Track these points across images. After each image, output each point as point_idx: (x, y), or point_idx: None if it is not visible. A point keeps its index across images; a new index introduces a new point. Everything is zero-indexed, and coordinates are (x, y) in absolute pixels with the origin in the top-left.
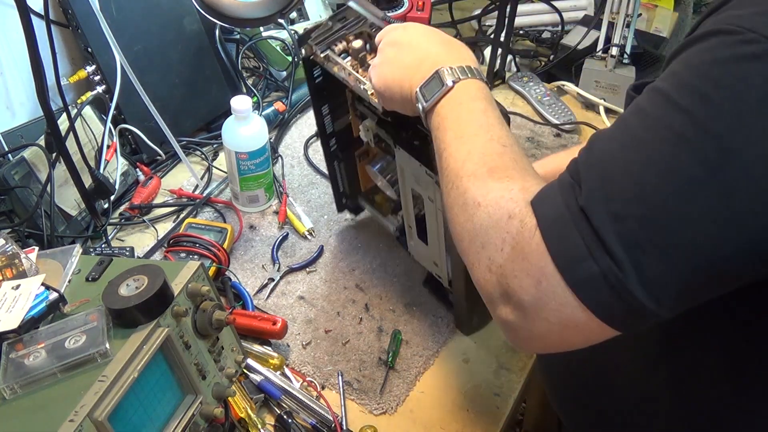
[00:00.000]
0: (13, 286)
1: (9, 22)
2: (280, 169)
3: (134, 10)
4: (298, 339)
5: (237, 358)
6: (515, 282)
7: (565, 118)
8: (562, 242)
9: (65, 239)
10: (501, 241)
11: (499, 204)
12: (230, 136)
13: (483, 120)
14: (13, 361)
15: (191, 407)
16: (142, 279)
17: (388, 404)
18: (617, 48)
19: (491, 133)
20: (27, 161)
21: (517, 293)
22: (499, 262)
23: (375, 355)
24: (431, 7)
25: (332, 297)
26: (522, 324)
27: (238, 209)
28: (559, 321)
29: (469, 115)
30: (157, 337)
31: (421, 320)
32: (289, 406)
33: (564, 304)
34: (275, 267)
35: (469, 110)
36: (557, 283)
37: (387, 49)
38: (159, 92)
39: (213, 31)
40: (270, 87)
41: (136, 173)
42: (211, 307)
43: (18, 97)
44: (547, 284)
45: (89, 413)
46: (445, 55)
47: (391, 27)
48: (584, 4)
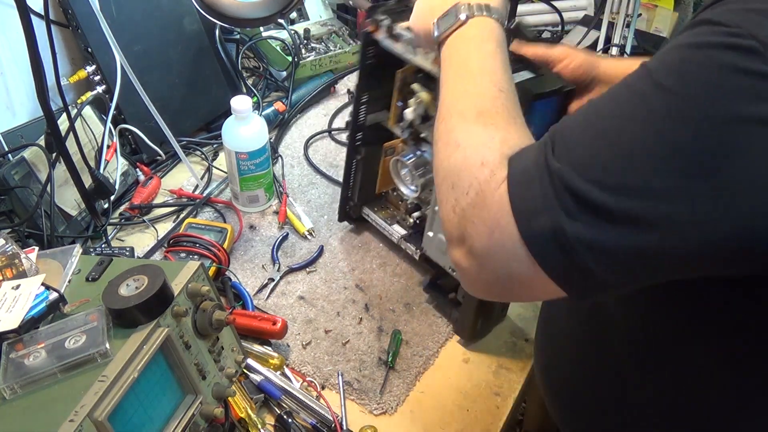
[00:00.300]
0: (13, 286)
1: (9, 22)
2: (280, 169)
3: (134, 10)
4: (298, 339)
5: (237, 358)
6: (472, 228)
7: None
8: (523, 195)
9: (65, 239)
10: (468, 185)
11: (476, 149)
12: (230, 136)
13: (487, 62)
14: (13, 361)
15: (191, 407)
16: (142, 279)
17: (388, 404)
18: (617, 48)
19: (491, 77)
20: (27, 161)
21: (472, 239)
22: (462, 205)
23: (375, 355)
24: None
25: (332, 297)
26: (472, 269)
27: (238, 209)
28: (507, 273)
29: (476, 54)
30: (157, 337)
31: (421, 320)
32: (289, 406)
33: (512, 258)
34: (275, 267)
35: (477, 49)
36: (509, 237)
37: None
38: (159, 92)
39: (213, 31)
40: (270, 87)
41: (136, 173)
42: (211, 307)
43: (18, 97)
44: (500, 236)
45: (89, 413)
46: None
47: None
48: (584, 4)
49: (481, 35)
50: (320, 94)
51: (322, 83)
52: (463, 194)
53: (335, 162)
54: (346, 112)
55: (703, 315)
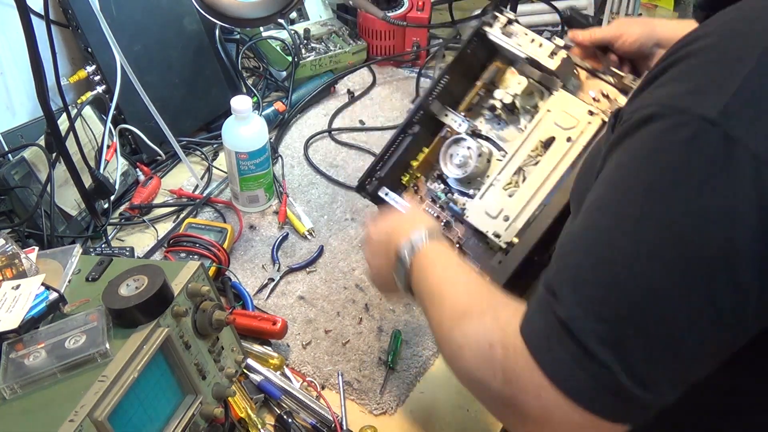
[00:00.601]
0: (13, 286)
1: (9, 22)
2: (280, 169)
3: (134, 10)
4: (298, 339)
5: (237, 358)
6: (518, 401)
7: None
8: (549, 357)
9: (65, 239)
10: (492, 371)
11: (477, 340)
12: (230, 136)
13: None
14: (13, 361)
15: (191, 407)
16: (142, 279)
17: (388, 404)
18: None
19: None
20: (27, 161)
21: (524, 410)
22: (499, 389)
23: (375, 355)
24: (431, 7)
25: (332, 297)
26: None
27: (238, 209)
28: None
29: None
30: (157, 337)
31: (421, 320)
32: (289, 406)
33: (569, 412)
34: (275, 267)
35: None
36: (556, 394)
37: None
38: (159, 92)
39: (213, 31)
40: (270, 87)
41: (136, 173)
42: (211, 307)
43: (18, 97)
44: (547, 396)
45: (89, 413)
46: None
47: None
48: (584, 4)
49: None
50: (320, 94)
51: (322, 83)
52: (494, 380)
53: (335, 162)
54: (346, 112)
55: None
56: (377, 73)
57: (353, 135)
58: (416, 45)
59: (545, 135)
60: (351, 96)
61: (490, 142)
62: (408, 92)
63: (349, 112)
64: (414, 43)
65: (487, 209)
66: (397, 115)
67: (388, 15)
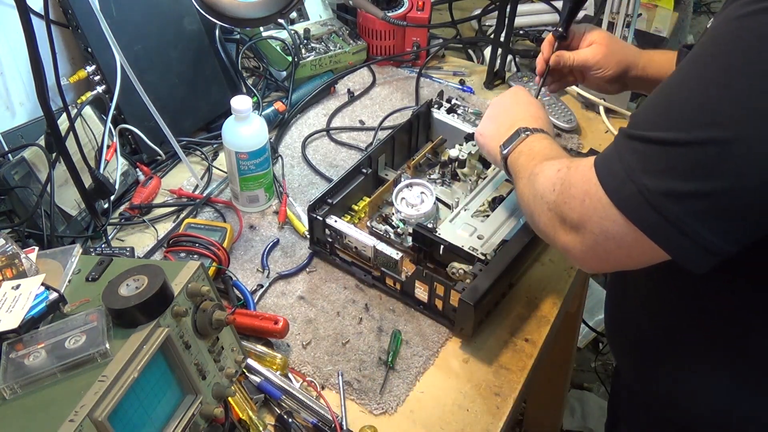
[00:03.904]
0: (13, 286)
1: (9, 22)
2: (280, 169)
3: (134, 10)
4: (298, 339)
5: (237, 358)
6: (565, 207)
7: (565, 118)
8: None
9: (65, 239)
10: (552, 185)
11: (551, 167)
12: (230, 136)
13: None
14: (13, 361)
15: (191, 407)
16: (142, 279)
17: (388, 404)
18: None
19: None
20: (27, 161)
21: (567, 215)
22: (552, 199)
23: (375, 355)
24: (431, 7)
25: (332, 297)
26: (576, 242)
27: (238, 209)
28: (604, 234)
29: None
30: (157, 337)
31: (421, 320)
32: (289, 406)
33: (605, 218)
34: (264, 273)
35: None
36: (599, 200)
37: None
38: (159, 92)
39: (213, 31)
40: (270, 87)
41: (136, 173)
42: (211, 307)
43: (18, 97)
44: (590, 201)
45: (89, 413)
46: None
47: None
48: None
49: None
50: (320, 94)
51: (322, 83)
52: (551, 192)
53: (335, 162)
54: (345, 112)
55: None
56: (377, 73)
57: (353, 135)
58: (416, 45)
59: (497, 192)
60: (351, 96)
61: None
62: (408, 92)
63: (349, 112)
64: (414, 43)
65: (458, 230)
66: (397, 116)
67: (388, 15)
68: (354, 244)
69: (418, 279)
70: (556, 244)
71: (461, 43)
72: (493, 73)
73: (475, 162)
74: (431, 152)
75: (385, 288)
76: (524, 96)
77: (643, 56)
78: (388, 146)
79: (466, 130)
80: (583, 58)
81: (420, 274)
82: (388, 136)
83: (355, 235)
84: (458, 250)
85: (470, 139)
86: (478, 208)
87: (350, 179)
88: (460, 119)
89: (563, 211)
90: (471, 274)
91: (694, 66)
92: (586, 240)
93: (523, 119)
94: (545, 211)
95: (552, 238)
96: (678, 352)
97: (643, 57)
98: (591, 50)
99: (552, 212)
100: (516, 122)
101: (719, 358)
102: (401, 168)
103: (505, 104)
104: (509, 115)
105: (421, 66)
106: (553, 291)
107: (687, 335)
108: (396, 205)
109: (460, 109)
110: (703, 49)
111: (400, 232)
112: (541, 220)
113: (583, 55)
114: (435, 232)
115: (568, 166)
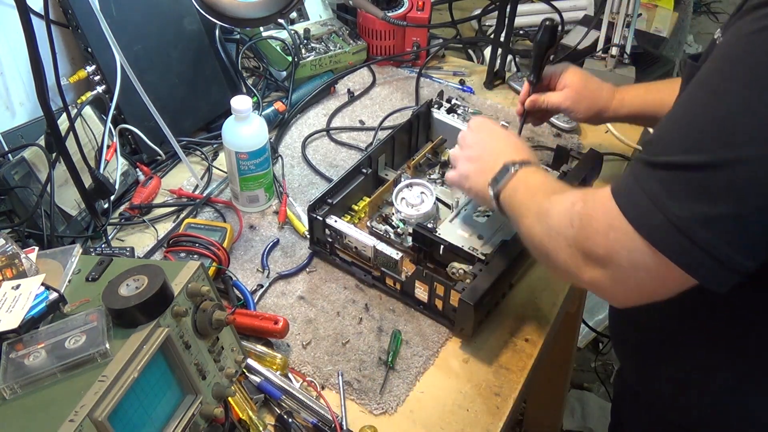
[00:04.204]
0: (13, 286)
1: (9, 22)
2: (280, 169)
3: (134, 10)
4: (298, 339)
5: (237, 358)
6: (589, 242)
7: (565, 118)
8: (629, 197)
9: (65, 239)
10: (569, 220)
11: (562, 202)
12: (230, 136)
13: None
14: (13, 361)
15: (191, 407)
16: (142, 279)
17: (388, 404)
18: (617, 48)
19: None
20: (27, 161)
21: (592, 249)
22: (572, 234)
23: (375, 355)
24: (431, 7)
25: (332, 297)
26: (605, 278)
27: (238, 209)
28: (631, 264)
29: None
30: (157, 337)
31: (421, 320)
32: (289, 406)
33: (632, 249)
34: (264, 273)
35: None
36: (624, 232)
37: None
38: (159, 92)
39: (213, 31)
40: (270, 87)
41: (136, 173)
42: (211, 307)
43: (18, 97)
44: (615, 234)
45: (89, 413)
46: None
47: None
48: (584, 4)
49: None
50: (320, 94)
51: (322, 83)
52: (569, 228)
53: (335, 162)
54: (345, 111)
55: None
56: (377, 73)
57: (353, 135)
58: (416, 45)
59: None
60: (351, 96)
61: None
62: (408, 92)
63: (349, 112)
64: (414, 43)
65: (458, 230)
66: (397, 116)
67: (388, 15)
68: (354, 244)
69: (418, 279)
70: (581, 281)
71: (461, 43)
72: (493, 73)
73: None
74: (431, 152)
75: (385, 288)
76: (497, 128)
77: (614, 100)
78: (388, 146)
79: None
80: (555, 103)
81: (420, 274)
82: (388, 136)
83: (355, 235)
84: (458, 250)
85: None
86: (478, 208)
87: (350, 179)
88: (460, 119)
89: (587, 246)
90: (471, 274)
91: (709, 85)
92: (615, 274)
93: (506, 153)
94: (564, 248)
95: (575, 275)
96: (680, 353)
97: (614, 100)
98: (563, 94)
99: (573, 248)
100: (499, 157)
101: (721, 359)
102: (401, 168)
103: (481, 141)
104: (490, 150)
105: (421, 66)
106: (553, 291)
107: (688, 337)
108: (396, 205)
109: (460, 109)
110: (715, 66)
111: (400, 232)
112: (560, 257)
113: (555, 99)
114: (435, 232)
115: (583, 199)
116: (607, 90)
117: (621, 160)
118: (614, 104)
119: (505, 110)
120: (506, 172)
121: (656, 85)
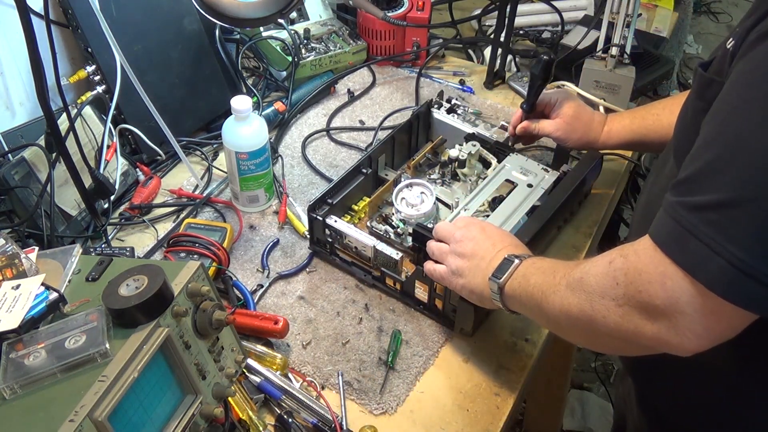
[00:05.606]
0: (13, 286)
1: (9, 22)
2: (280, 169)
3: (134, 10)
4: (298, 339)
5: (237, 358)
6: (643, 296)
7: None
8: (678, 244)
9: (65, 239)
10: (612, 279)
11: (596, 265)
12: (230, 136)
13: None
14: (13, 361)
15: (191, 407)
16: (142, 279)
17: (388, 404)
18: (617, 48)
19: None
20: (27, 161)
21: (649, 302)
22: (621, 293)
23: (375, 355)
24: (431, 7)
25: (332, 297)
26: (668, 329)
27: (238, 209)
28: (695, 310)
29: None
30: (157, 337)
31: (421, 320)
32: (289, 406)
33: (695, 295)
34: (264, 273)
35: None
36: (681, 278)
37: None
38: (159, 92)
39: (213, 31)
40: (270, 87)
41: (136, 173)
42: (211, 307)
43: (18, 97)
44: (671, 282)
45: (89, 413)
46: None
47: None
48: (584, 4)
49: (537, 260)
50: (320, 94)
51: (322, 83)
52: (615, 288)
53: (335, 162)
54: (345, 111)
55: None
56: (377, 73)
57: (353, 135)
58: (416, 45)
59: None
60: (351, 96)
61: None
62: (408, 92)
63: (349, 112)
64: (414, 43)
65: None
66: (397, 116)
67: (388, 15)
68: (354, 244)
69: (418, 279)
70: (642, 338)
71: (461, 43)
72: (493, 73)
73: (475, 162)
74: (431, 152)
75: (385, 288)
76: (488, 225)
77: (603, 133)
78: (388, 146)
79: (466, 130)
80: (546, 132)
81: (420, 274)
82: (388, 136)
83: (355, 235)
84: None
85: (470, 139)
86: (478, 208)
87: (350, 179)
88: (460, 119)
89: (642, 299)
90: None
91: (745, 112)
92: (681, 322)
93: (503, 248)
94: (614, 310)
95: (634, 335)
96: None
97: (603, 134)
98: (555, 124)
99: (626, 307)
100: (497, 252)
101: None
102: (401, 168)
103: (473, 237)
104: (485, 248)
105: (421, 66)
106: None
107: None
108: (396, 205)
109: (460, 109)
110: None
111: (400, 232)
112: (612, 320)
113: (547, 128)
114: None
115: (621, 255)
116: (597, 121)
117: (621, 160)
118: (602, 139)
119: (505, 110)
120: (509, 264)
121: (641, 112)
